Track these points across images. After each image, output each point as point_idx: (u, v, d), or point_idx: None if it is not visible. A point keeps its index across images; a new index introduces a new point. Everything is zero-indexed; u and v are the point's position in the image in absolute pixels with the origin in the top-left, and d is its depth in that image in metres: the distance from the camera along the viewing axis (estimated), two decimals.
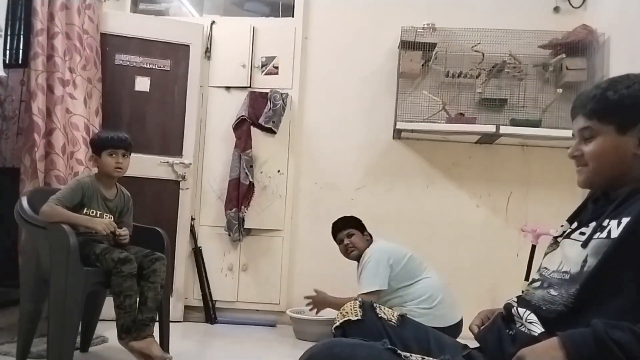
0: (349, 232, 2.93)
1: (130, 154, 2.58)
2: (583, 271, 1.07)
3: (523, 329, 1.14)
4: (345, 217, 3.02)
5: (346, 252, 2.95)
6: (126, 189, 2.69)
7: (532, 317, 1.13)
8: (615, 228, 1.06)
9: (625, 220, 1.05)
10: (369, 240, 2.95)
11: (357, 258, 2.91)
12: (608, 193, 1.20)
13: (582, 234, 1.15)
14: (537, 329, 1.10)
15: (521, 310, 1.16)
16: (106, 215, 2.53)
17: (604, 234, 1.08)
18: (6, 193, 2.92)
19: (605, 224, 1.10)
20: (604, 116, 1.15)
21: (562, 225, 1.26)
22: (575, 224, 1.22)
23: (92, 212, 2.48)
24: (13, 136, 3.19)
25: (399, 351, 1.09)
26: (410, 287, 2.70)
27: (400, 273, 2.73)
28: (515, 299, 1.26)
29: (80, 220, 2.37)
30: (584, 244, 1.11)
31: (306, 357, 1.09)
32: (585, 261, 1.08)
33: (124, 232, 2.50)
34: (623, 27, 3.11)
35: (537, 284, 1.21)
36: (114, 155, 2.50)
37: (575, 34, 3.38)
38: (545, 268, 1.21)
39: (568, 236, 1.21)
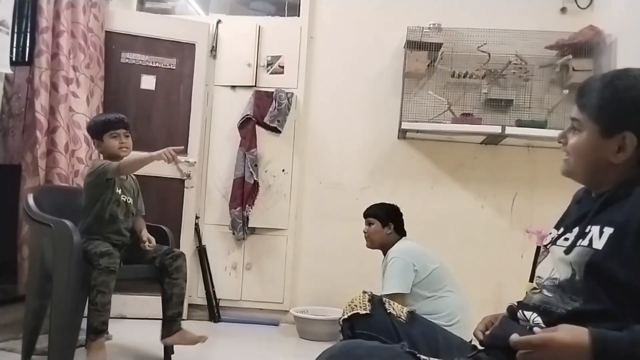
0: (369, 220, 2.77)
1: (130, 133, 2.57)
2: (575, 280, 1.06)
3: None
4: (376, 204, 2.83)
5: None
6: None
7: (539, 319, 1.11)
8: (597, 237, 1.04)
9: (607, 231, 1.03)
10: (391, 234, 2.72)
11: (373, 248, 2.76)
12: (590, 192, 1.19)
13: (567, 239, 1.14)
14: None
15: (527, 313, 1.15)
16: (124, 196, 2.51)
17: (586, 242, 1.06)
18: (9, 190, 2.93)
19: (587, 230, 1.08)
20: (593, 114, 1.11)
21: (550, 233, 1.25)
22: (561, 230, 1.20)
23: (119, 190, 2.47)
24: (19, 133, 3.20)
25: (418, 354, 1.08)
26: (430, 300, 2.49)
27: (423, 282, 2.50)
28: (516, 304, 1.25)
29: (152, 157, 2.34)
30: (567, 251, 1.09)
31: (325, 357, 1.08)
32: (573, 270, 1.06)
33: (151, 239, 2.52)
34: (630, 28, 3.09)
35: (536, 291, 1.19)
36: (116, 137, 2.49)
37: (582, 34, 3.36)
38: (539, 277, 1.20)
39: (555, 242, 1.19)
